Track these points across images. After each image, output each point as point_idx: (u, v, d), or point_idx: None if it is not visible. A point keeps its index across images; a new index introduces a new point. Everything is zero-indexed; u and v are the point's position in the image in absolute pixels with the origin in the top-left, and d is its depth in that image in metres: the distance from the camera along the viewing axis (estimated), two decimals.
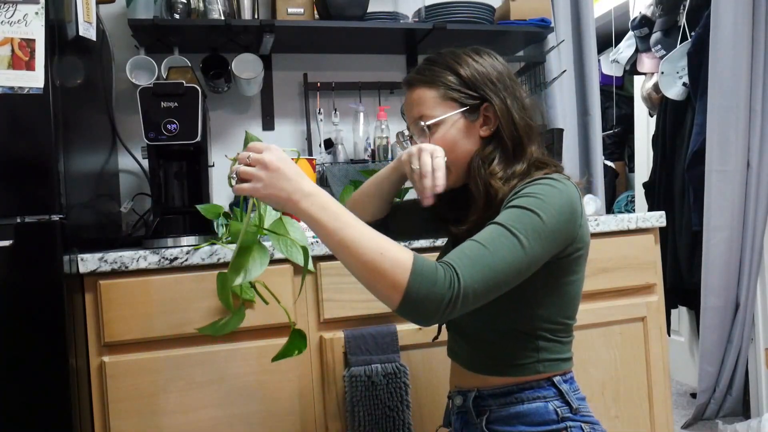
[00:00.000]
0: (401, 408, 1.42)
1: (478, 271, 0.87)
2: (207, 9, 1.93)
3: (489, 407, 1.06)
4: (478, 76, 1.07)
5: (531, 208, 0.93)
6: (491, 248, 0.89)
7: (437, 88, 1.08)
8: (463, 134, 1.08)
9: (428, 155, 1.04)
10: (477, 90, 1.07)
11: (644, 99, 3.15)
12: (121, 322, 1.36)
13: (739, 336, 2.47)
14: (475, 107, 1.07)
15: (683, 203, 2.79)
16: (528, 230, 0.91)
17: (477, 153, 1.07)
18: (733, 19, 2.41)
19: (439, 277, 0.85)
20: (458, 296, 0.85)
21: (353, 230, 0.88)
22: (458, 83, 1.07)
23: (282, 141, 2.18)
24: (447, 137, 1.07)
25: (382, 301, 0.88)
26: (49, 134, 1.24)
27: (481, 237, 0.91)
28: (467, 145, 1.08)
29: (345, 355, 1.45)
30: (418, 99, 1.10)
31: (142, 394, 1.36)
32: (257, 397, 1.42)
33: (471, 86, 1.07)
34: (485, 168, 1.05)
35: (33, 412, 1.23)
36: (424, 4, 2.11)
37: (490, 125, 1.07)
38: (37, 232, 1.23)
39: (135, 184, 2.01)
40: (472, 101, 1.07)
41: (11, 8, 1.24)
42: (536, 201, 0.94)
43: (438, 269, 0.86)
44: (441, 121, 1.07)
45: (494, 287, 0.89)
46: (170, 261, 1.37)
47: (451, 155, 1.07)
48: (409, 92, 1.12)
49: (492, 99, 1.06)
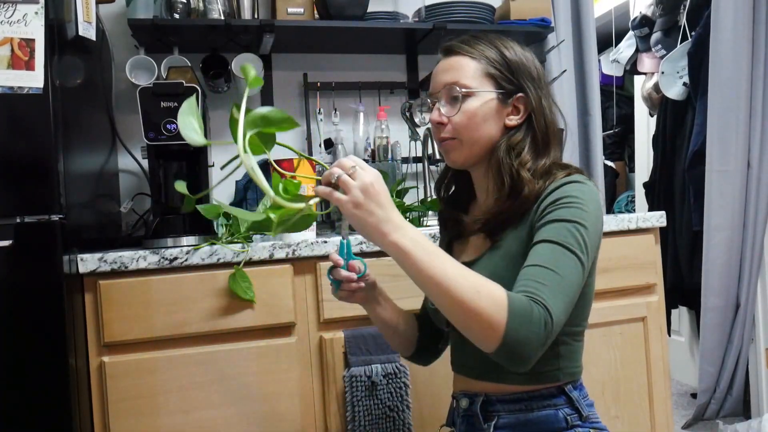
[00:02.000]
0: (401, 408, 1.42)
1: (561, 301, 0.84)
2: (207, 9, 1.93)
3: (497, 413, 1.03)
4: (520, 65, 1.05)
5: (576, 219, 0.92)
6: (562, 272, 0.86)
7: (479, 61, 1.04)
8: (491, 115, 1.03)
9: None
10: (516, 77, 1.04)
11: (644, 99, 3.14)
12: (121, 322, 1.35)
13: (739, 336, 2.47)
14: (510, 93, 1.04)
15: (683, 203, 2.79)
16: (581, 244, 0.90)
17: (503, 139, 1.04)
18: (734, 19, 2.41)
19: (534, 316, 0.81)
20: (551, 333, 0.83)
21: (447, 266, 0.84)
22: (501, 64, 1.04)
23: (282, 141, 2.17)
24: (476, 112, 1.02)
25: (476, 343, 0.84)
26: (48, 134, 1.24)
27: (545, 261, 0.88)
28: (491, 129, 1.04)
29: (345, 355, 1.45)
30: (458, 65, 1.04)
31: (142, 394, 1.36)
32: (257, 397, 1.42)
33: (512, 71, 1.04)
34: (513, 156, 1.02)
35: (33, 412, 1.22)
36: (424, 4, 2.11)
37: (518, 116, 1.05)
38: (37, 232, 1.23)
39: (135, 184, 2.01)
40: (509, 86, 1.04)
41: (11, 8, 1.23)
42: (578, 211, 0.93)
43: (532, 307, 0.82)
44: (476, 93, 1.02)
45: (569, 313, 0.87)
46: (170, 261, 1.37)
47: (473, 133, 1.03)
48: (447, 58, 1.07)
49: (529, 90, 1.04)
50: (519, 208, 1.00)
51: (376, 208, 0.85)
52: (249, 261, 1.42)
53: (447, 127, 1.04)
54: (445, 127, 1.04)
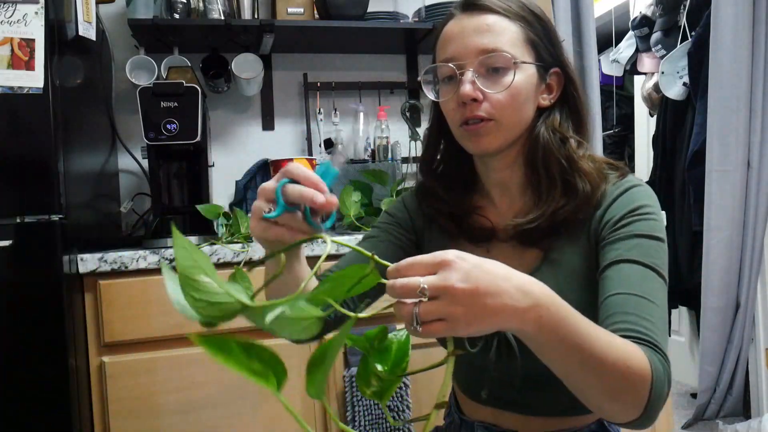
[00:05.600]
0: (401, 408, 1.42)
1: (665, 338, 0.71)
2: (207, 9, 1.93)
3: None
4: (557, 39, 0.89)
5: (656, 234, 0.79)
6: (660, 302, 0.74)
7: (519, 25, 0.84)
8: (532, 92, 0.85)
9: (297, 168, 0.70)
10: (555, 47, 0.88)
11: (644, 99, 3.14)
12: (121, 322, 1.36)
13: (739, 336, 2.47)
14: (549, 66, 0.87)
15: (683, 203, 2.79)
16: (664, 263, 0.78)
17: (542, 121, 0.86)
18: (734, 19, 2.41)
19: (661, 371, 0.67)
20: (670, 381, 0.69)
21: (597, 341, 0.62)
22: (543, 32, 0.86)
23: (282, 141, 2.18)
24: (521, 89, 0.83)
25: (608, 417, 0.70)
26: (49, 134, 1.24)
27: (641, 289, 0.74)
28: (530, 108, 0.86)
29: (345, 354, 1.45)
30: (496, 27, 0.83)
31: (142, 394, 1.36)
32: (257, 397, 1.42)
33: (551, 40, 0.87)
34: (560, 142, 0.85)
35: (33, 411, 1.23)
36: (424, 4, 2.11)
37: (551, 95, 0.88)
38: (37, 232, 1.23)
39: (135, 184, 2.01)
40: (549, 59, 0.87)
41: (11, 8, 1.24)
42: (655, 224, 0.80)
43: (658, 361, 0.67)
44: (514, 64, 0.82)
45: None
46: (170, 261, 1.37)
47: (515, 114, 0.84)
48: (478, 15, 0.84)
49: (567, 64, 0.89)
50: (576, 212, 0.82)
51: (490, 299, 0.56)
52: (249, 261, 1.42)
53: (483, 105, 0.82)
54: (481, 105, 0.82)
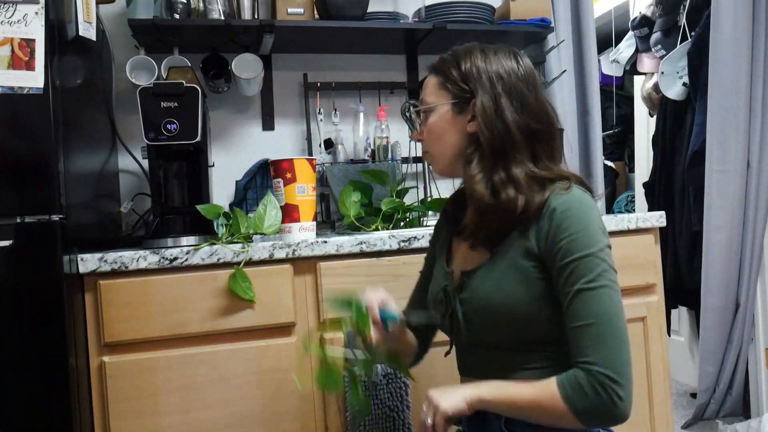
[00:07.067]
0: (401, 408, 1.42)
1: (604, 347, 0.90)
2: (207, 9, 1.93)
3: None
4: (476, 71, 1.05)
5: (587, 252, 0.94)
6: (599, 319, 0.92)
7: (439, 76, 1.10)
8: (448, 126, 1.08)
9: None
10: (469, 84, 1.05)
11: (644, 99, 3.15)
12: (121, 322, 1.36)
13: (739, 336, 2.47)
14: (465, 101, 1.06)
15: (683, 203, 2.79)
16: (607, 269, 0.94)
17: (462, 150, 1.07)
18: (733, 19, 2.41)
19: (585, 384, 0.89)
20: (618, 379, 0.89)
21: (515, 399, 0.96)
22: (456, 75, 1.07)
23: (282, 141, 2.18)
24: (434, 125, 1.09)
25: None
26: (49, 134, 1.24)
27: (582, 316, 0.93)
28: (451, 138, 1.08)
29: None
30: (426, 84, 1.12)
31: (142, 394, 1.36)
32: (257, 397, 1.42)
33: (465, 80, 1.06)
34: (466, 168, 1.05)
35: (33, 411, 1.23)
36: (424, 4, 2.11)
37: (476, 122, 1.05)
38: (37, 232, 1.23)
39: (135, 184, 2.01)
40: (462, 95, 1.06)
41: (11, 8, 1.24)
42: (587, 239, 0.95)
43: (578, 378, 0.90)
44: (431, 108, 1.09)
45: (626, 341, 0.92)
46: (170, 261, 1.37)
47: (437, 146, 1.10)
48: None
49: (478, 95, 1.03)
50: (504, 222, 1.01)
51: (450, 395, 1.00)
52: (249, 261, 1.42)
53: (424, 143, 1.13)
54: (424, 143, 1.13)
